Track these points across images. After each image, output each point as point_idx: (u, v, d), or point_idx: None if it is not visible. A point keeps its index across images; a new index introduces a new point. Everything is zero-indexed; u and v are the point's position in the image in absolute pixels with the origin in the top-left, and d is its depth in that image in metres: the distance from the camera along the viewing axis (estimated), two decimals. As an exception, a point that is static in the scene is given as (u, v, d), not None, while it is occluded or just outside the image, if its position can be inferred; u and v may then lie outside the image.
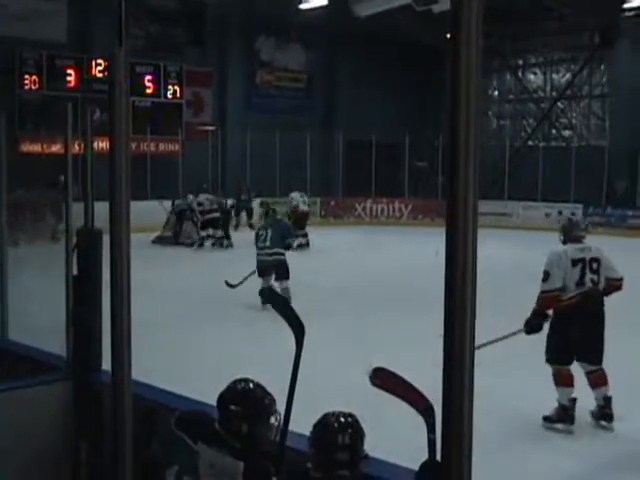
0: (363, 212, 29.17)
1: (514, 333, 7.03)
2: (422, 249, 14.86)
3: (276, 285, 11.73)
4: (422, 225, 26.28)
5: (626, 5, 26.43)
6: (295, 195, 21.40)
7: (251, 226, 23.00)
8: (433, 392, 1.34)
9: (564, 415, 6.64)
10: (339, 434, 2.81)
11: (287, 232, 12.65)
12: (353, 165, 29.64)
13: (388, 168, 29.25)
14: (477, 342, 1.38)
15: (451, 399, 1.39)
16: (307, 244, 20.08)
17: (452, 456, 1.40)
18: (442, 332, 1.37)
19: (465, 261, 1.36)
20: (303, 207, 21.16)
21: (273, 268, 11.94)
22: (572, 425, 6.61)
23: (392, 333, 9.97)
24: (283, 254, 12.00)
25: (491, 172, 29.40)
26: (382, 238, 22.83)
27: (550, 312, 6.79)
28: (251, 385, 3.17)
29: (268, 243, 12.00)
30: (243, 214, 23.91)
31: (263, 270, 11.94)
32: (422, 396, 2.49)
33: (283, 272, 11.93)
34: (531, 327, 6.78)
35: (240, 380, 3.18)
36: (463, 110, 1.35)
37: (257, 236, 12.44)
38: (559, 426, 6.63)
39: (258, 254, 12.09)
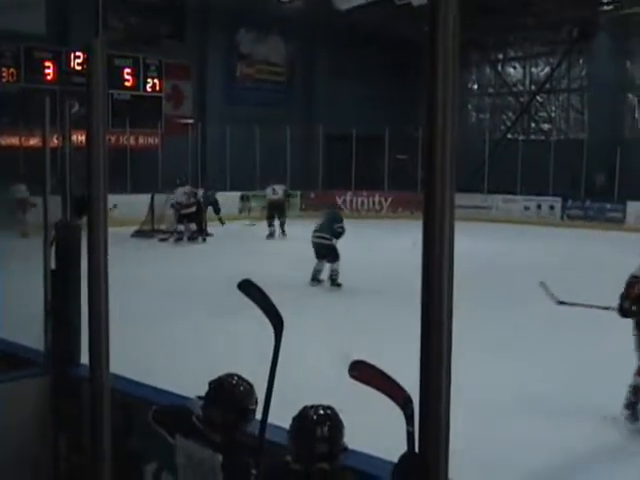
0: (343, 205, 29.17)
1: (606, 308, 7.01)
2: (402, 242, 14.91)
3: (327, 266, 13.38)
4: (402, 218, 26.36)
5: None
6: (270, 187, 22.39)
7: (221, 220, 23.01)
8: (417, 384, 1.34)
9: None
10: (317, 427, 2.81)
11: (336, 221, 13.82)
12: (333, 158, 29.67)
13: (368, 161, 29.29)
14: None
15: (428, 391, 1.39)
16: (283, 233, 21.60)
17: (429, 448, 1.41)
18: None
19: (442, 254, 1.37)
20: (272, 196, 22.13)
21: (323, 250, 13.32)
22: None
23: (373, 325, 10.00)
24: (330, 239, 13.37)
25: (471, 165, 29.52)
26: (362, 231, 22.86)
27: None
28: (232, 379, 3.17)
29: (319, 228, 13.64)
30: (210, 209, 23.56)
31: (315, 252, 13.47)
32: (401, 388, 2.49)
33: (331, 255, 13.35)
34: (622, 311, 6.73)
35: (223, 374, 3.19)
36: (440, 103, 1.36)
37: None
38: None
39: (312, 237, 13.60)
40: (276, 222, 21.76)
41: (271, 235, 21.55)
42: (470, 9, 27.26)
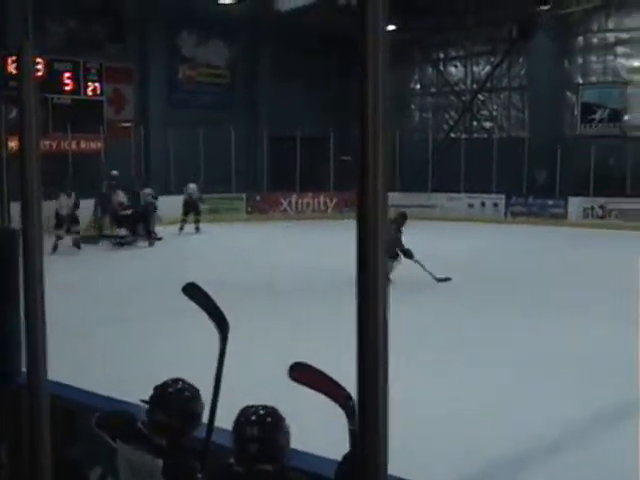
0: (288, 207, 29.19)
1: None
2: (347, 242, 14.97)
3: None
4: (347, 218, 26.43)
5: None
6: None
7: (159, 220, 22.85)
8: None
9: None
10: (256, 427, 2.80)
11: None
12: (278, 160, 29.62)
13: (313, 162, 29.32)
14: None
15: (365, 390, 1.40)
16: (197, 230, 23.33)
17: (368, 447, 1.42)
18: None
19: (375, 253, 1.38)
20: (185, 197, 23.74)
21: None
22: None
23: (314, 325, 10.02)
24: None
25: (415, 165, 29.76)
26: (307, 232, 22.94)
27: None
28: (176, 383, 3.16)
29: None
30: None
31: None
32: (341, 388, 2.50)
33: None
34: None
35: (168, 379, 3.17)
36: (370, 102, 1.37)
37: None
38: None
39: None
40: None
41: (181, 229, 23.29)
42: (411, 9, 27.52)
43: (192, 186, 23.81)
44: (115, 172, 21.99)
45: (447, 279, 13.88)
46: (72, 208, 18.94)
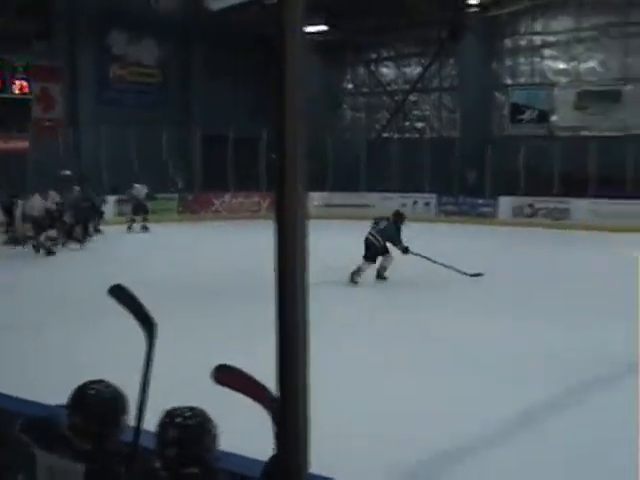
0: (221, 207, 29.06)
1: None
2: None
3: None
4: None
5: (470, 1, 27.44)
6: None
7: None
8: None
9: None
10: (181, 430, 2.77)
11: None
12: (211, 160, 29.43)
13: (246, 161, 29.21)
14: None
15: (285, 392, 1.40)
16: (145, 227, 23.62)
17: (289, 448, 1.42)
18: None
19: (294, 252, 1.37)
20: (127, 196, 24.24)
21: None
22: None
23: (242, 326, 9.99)
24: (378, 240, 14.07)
25: (348, 165, 29.91)
26: (239, 232, 22.90)
27: None
28: (101, 386, 3.10)
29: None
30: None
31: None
32: (266, 390, 2.48)
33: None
34: None
35: (91, 381, 3.11)
36: (288, 102, 1.37)
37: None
38: None
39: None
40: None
41: (129, 229, 23.52)
42: (343, 10, 27.67)
43: (138, 186, 23.86)
44: (68, 172, 21.53)
45: (478, 274, 13.97)
46: None
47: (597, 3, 26.87)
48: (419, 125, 32.14)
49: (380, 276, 14.24)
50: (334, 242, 17.16)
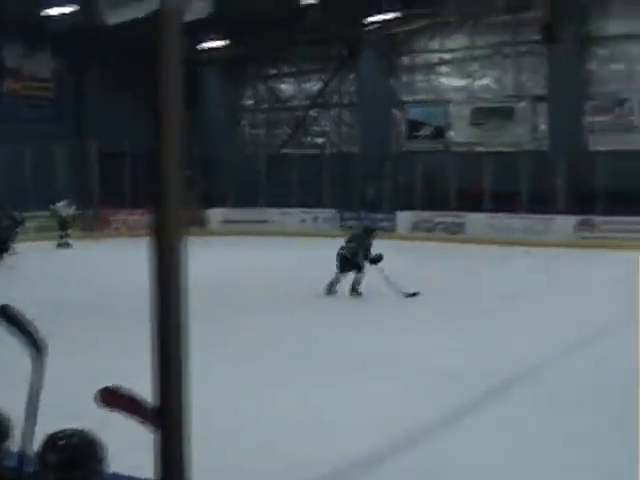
0: (120, 224, 28.55)
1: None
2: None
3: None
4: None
5: (368, 19, 27.81)
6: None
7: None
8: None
9: None
10: (64, 453, 2.70)
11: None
12: (108, 176, 28.78)
13: (145, 178, 28.71)
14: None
15: (163, 412, 1.39)
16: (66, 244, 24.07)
17: (169, 464, 1.41)
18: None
19: (170, 269, 1.36)
20: (51, 213, 24.53)
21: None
22: None
23: (133, 345, 9.87)
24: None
25: (247, 181, 29.84)
26: (135, 250, 22.52)
27: None
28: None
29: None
30: None
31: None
32: (151, 408, 2.43)
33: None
34: None
35: None
36: (165, 115, 1.36)
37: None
38: None
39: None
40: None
41: (60, 246, 23.99)
42: (244, 25, 27.66)
43: (60, 204, 24.27)
44: None
45: (415, 294, 14.31)
46: None
47: (491, 23, 27.65)
48: (319, 141, 32.34)
49: (354, 290, 14.54)
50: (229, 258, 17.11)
